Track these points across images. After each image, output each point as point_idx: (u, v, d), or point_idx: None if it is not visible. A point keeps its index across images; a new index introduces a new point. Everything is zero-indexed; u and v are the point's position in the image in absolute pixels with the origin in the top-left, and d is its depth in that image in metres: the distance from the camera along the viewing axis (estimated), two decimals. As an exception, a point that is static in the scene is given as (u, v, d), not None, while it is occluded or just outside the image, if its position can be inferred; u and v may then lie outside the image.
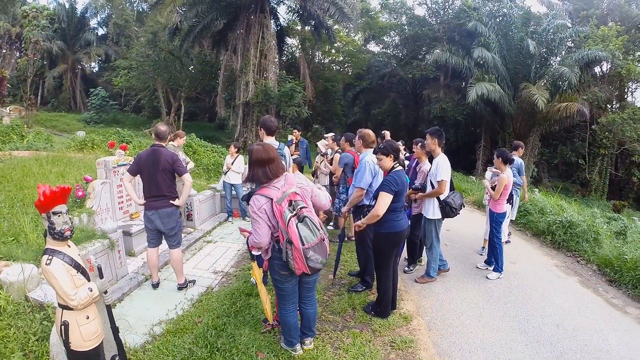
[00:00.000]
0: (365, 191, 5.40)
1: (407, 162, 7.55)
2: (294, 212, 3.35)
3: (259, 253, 3.80)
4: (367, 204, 5.45)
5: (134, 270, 6.04)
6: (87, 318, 3.00)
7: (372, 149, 5.74)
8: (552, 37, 22.14)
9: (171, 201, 5.33)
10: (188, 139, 15.10)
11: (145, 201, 5.38)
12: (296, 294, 3.94)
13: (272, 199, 3.39)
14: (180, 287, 5.58)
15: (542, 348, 4.70)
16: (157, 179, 5.21)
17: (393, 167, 4.80)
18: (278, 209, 3.34)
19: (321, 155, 8.94)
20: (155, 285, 5.65)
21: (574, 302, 6.04)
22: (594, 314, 5.69)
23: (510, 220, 9.05)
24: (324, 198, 3.82)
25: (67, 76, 38.63)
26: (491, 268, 6.94)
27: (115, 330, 3.36)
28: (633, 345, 4.91)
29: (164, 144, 5.44)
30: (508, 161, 6.65)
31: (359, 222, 4.88)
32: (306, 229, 3.35)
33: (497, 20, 24.51)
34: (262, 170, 3.50)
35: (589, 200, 22.01)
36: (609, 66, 24.72)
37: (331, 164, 8.20)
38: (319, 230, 3.44)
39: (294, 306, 3.96)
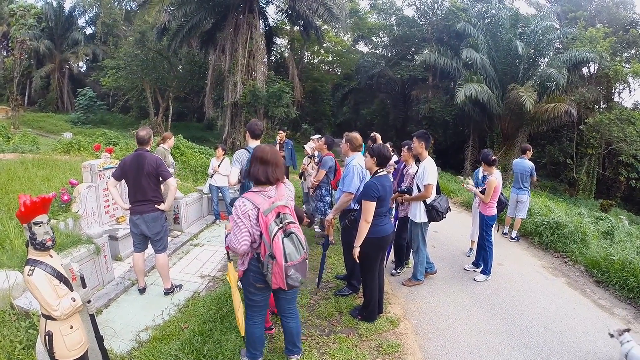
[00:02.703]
0: (353, 195, 5.38)
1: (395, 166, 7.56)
2: (281, 226, 3.24)
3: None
4: (353, 207, 5.45)
5: (120, 275, 5.99)
6: (71, 328, 2.97)
7: (360, 153, 5.74)
8: (540, 38, 22.28)
9: (156, 205, 5.30)
10: (175, 140, 14.99)
11: (130, 206, 5.34)
12: (266, 306, 3.85)
13: (259, 208, 3.26)
14: (167, 292, 5.55)
15: (529, 351, 4.73)
16: (142, 183, 5.17)
17: (377, 172, 4.80)
18: (264, 220, 3.21)
19: (308, 157, 8.89)
20: (142, 291, 5.61)
21: (562, 304, 6.08)
22: (581, 315, 5.73)
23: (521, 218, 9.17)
24: None
25: (55, 76, 38.15)
26: (479, 270, 6.97)
27: (99, 339, 3.34)
28: (620, 348, 4.94)
29: (147, 148, 5.40)
30: (489, 163, 6.72)
31: (356, 249, 4.75)
32: (291, 245, 3.23)
33: (486, 21, 24.64)
34: (263, 168, 3.36)
35: (577, 199, 22.21)
36: (596, 67, 24.99)
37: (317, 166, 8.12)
38: (303, 249, 3.32)
39: (262, 317, 3.85)
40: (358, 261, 4.83)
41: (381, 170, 4.80)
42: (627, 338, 4.42)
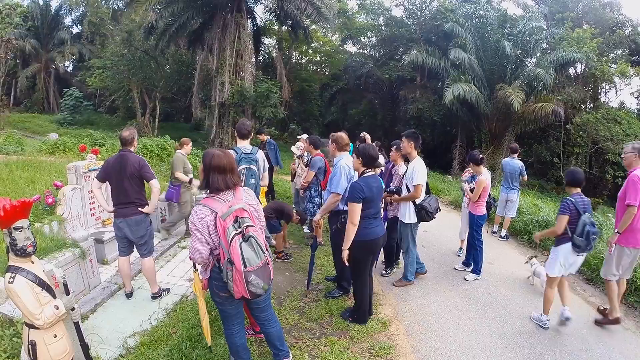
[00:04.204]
0: (341, 196, 5.32)
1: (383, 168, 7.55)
2: (239, 230, 3.07)
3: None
4: (342, 208, 5.40)
5: (107, 279, 5.87)
6: (55, 336, 2.90)
7: (347, 152, 5.69)
8: (527, 38, 22.41)
9: (140, 208, 5.16)
10: (162, 141, 14.78)
11: (114, 209, 5.22)
12: (240, 315, 3.68)
13: (216, 213, 3.10)
14: (154, 296, 5.45)
15: (522, 350, 4.74)
16: (124, 185, 5.05)
17: (364, 172, 4.74)
18: (221, 225, 3.05)
19: (296, 157, 8.83)
20: (129, 295, 5.51)
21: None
22: (572, 313, 5.73)
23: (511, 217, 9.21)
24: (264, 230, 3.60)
25: (41, 76, 37.76)
26: (469, 269, 6.99)
27: (85, 348, 3.26)
28: (611, 344, 5.00)
29: (130, 149, 5.25)
30: (477, 162, 6.72)
31: (344, 252, 4.68)
32: (250, 250, 3.05)
33: (474, 21, 24.71)
34: (223, 178, 3.21)
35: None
36: (583, 67, 25.21)
37: (307, 167, 8.04)
38: (263, 253, 3.14)
39: (240, 327, 3.70)
40: (347, 264, 4.77)
41: (368, 170, 4.74)
42: (534, 261, 6.69)
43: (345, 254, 4.66)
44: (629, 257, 5.28)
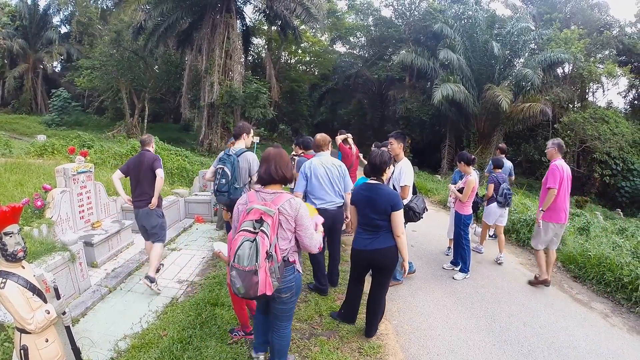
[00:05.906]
0: (300, 194, 5.47)
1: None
2: (255, 230, 3.05)
3: None
4: (318, 206, 5.42)
5: (97, 283, 5.86)
6: (47, 341, 2.90)
7: (324, 152, 5.79)
8: (516, 39, 22.59)
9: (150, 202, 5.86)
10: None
11: (131, 199, 6.00)
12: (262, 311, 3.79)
13: (246, 205, 3.21)
14: (149, 279, 5.61)
15: (510, 347, 4.78)
16: (140, 177, 5.81)
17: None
18: (242, 217, 3.13)
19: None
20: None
21: (540, 300, 6.18)
22: (559, 310, 5.83)
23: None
24: (314, 241, 3.38)
25: (28, 76, 37.29)
26: (457, 269, 7.03)
27: (76, 352, 3.25)
28: (599, 341, 5.05)
29: (148, 149, 6.12)
30: (469, 162, 6.79)
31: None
32: (247, 250, 3.00)
33: (463, 22, 24.91)
34: (265, 166, 3.32)
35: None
36: (571, 68, 25.51)
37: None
38: (256, 262, 3.01)
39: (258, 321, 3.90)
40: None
41: (371, 178, 4.57)
42: (474, 226, 8.80)
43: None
44: (553, 230, 6.46)
